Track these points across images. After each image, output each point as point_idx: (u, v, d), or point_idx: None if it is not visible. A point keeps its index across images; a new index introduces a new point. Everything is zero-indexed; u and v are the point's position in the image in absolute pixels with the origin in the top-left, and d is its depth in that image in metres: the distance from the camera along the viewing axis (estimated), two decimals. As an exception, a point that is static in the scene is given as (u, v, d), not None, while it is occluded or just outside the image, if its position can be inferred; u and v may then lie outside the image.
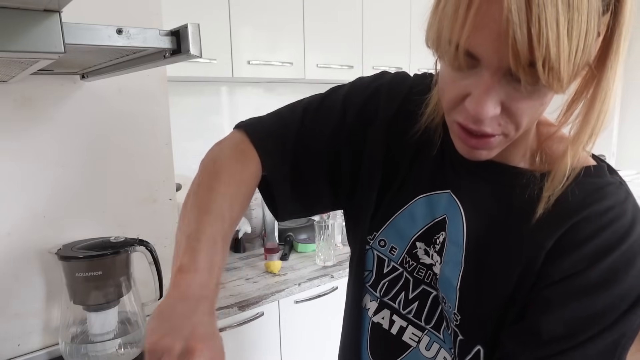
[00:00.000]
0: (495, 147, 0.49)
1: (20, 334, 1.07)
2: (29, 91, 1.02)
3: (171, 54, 0.64)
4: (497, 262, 0.53)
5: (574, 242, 0.49)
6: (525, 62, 0.39)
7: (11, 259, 1.04)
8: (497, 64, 0.42)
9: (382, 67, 2.11)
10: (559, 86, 0.41)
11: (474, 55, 0.42)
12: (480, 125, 0.46)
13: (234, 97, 1.98)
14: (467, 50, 0.42)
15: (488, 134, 0.47)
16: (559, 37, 0.38)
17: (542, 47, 0.38)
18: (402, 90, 0.65)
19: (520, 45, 0.38)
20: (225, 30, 1.58)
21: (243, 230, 1.72)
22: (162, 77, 1.20)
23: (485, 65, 0.43)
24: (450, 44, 0.43)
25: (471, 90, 0.45)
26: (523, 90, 0.43)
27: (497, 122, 0.46)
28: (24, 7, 0.47)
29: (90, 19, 0.62)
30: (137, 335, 1.07)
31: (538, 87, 0.42)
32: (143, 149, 1.19)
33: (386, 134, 0.64)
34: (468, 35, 0.41)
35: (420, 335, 0.61)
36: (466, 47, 0.42)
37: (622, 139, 3.00)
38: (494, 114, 0.45)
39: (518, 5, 0.37)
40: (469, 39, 0.41)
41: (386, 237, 0.64)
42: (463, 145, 0.50)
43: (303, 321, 1.58)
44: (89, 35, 0.56)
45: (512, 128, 0.47)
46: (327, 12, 1.87)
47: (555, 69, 0.39)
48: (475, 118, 0.45)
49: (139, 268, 1.10)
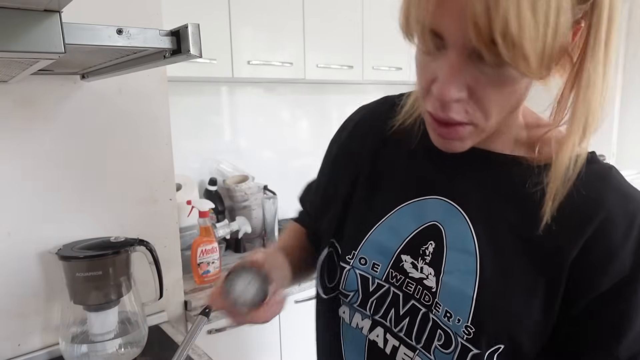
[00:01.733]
0: (467, 138, 0.48)
1: (21, 334, 1.07)
2: (29, 91, 1.02)
3: (171, 54, 0.64)
4: (516, 265, 0.51)
5: (607, 249, 0.48)
6: (487, 37, 0.38)
7: (11, 259, 1.04)
8: (461, 41, 0.41)
9: (382, 67, 2.11)
10: (526, 66, 0.39)
11: (439, 34, 0.42)
12: (447, 111, 0.45)
13: (234, 97, 1.98)
14: (432, 29, 0.42)
15: (456, 121, 0.46)
16: (520, 9, 0.37)
17: (501, 19, 0.37)
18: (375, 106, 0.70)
19: (479, 18, 0.38)
20: (225, 30, 1.58)
21: (243, 230, 1.72)
22: (162, 77, 1.21)
23: (450, 44, 0.42)
24: (417, 24, 0.43)
25: (438, 74, 0.44)
26: (490, 73, 0.42)
27: (464, 109, 0.45)
28: (24, 7, 0.47)
29: (90, 19, 0.62)
30: (137, 335, 1.07)
31: (505, 69, 0.41)
32: (143, 149, 1.19)
33: (355, 141, 0.67)
34: (432, 13, 0.41)
35: (412, 355, 0.57)
36: (430, 27, 0.42)
37: (622, 139, 3.00)
38: (458, 97, 0.44)
39: None
40: (433, 16, 0.41)
41: (366, 255, 0.60)
42: (436, 135, 0.50)
43: (303, 321, 1.58)
44: (89, 35, 0.56)
45: (480, 116, 0.46)
46: (327, 12, 1.87)
47: (518, 45, 0.38)
48: (441, 101, 0.44)
49: (139, 268, 1.10)
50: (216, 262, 1.51)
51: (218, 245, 1.51)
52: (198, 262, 1.47)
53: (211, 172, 1.94)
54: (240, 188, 1.84)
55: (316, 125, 2.30)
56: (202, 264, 1.47)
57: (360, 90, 2.47)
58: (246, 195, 1.85)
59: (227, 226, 1.66)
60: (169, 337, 1.17)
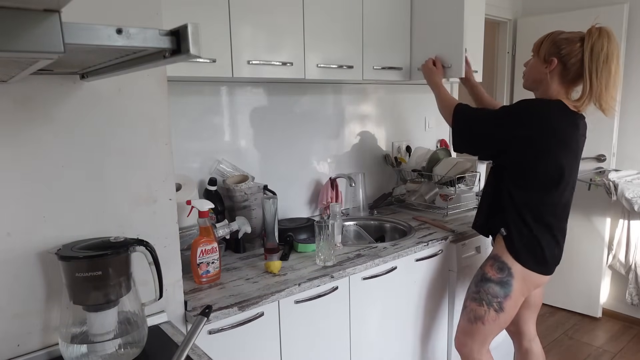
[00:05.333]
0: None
1: (20, 334, 1.07)
2: (29, 91, 1.02)
3: (171, 54, 0.64)
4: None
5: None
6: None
7: (11, 259, 1.04)
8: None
9: (382, 67, 2.11)
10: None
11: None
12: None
13: (234, 97, 1.98)
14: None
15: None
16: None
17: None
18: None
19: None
20: (225, 30, 1.58)
21: (243, 230, 1.72)
22: (162, 77, 1.21)
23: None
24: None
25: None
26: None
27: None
28: (24, 7, 0.47)
29: (90, 19, 0.62)
30: (137, 336, 1.07)
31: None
32: (143, 149, 1.19)
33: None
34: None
35: None
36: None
37: (622, 139, 3.00)
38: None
39: None
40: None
41: None
42: None
43: (303, 321, 1.58)
44: (89, 35, 0.56)
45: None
46: (327, 12, 1.87)
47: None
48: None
49: (138, 268, 1.10)
50: (216, 262, 1.51)
51: (218, 245, 1.51)
52: (198, 262, 1.47)
53: (211, 172, 1.94)
54: (240, 188, 1.84)
55: (316, 125, 2.30)
56: (202, 264, 1.47)
57: (360, 90, 2.47)
58: (246, 195, 1.85)
59: (227, 226, 1.66)
60: (169, 337, 1.17)
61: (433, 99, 1.97)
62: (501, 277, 1.66)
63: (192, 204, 1.51)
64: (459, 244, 2.05)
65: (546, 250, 1.65)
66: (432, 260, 2.00)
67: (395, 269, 1.83)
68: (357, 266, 1.67)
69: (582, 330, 3.06)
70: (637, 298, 2.96)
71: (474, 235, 2.11)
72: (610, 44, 1.51)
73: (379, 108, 2.59)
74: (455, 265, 2.06)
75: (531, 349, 1.94)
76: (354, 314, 1.73)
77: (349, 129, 2.46)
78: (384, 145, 2.66)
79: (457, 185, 2.34)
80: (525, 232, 1.63)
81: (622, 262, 2.98)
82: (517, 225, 1.64)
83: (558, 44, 1.58)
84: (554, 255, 1.69)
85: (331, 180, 2.27)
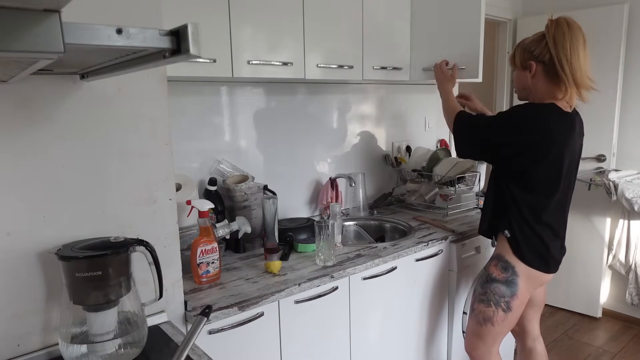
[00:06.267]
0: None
1: (20, 334, 1.07)
2: (29, 91, 1.02)
3: (171, 54, 0.64)
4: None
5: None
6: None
7: (11, 259, 1.04)
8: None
9: (382, 67, 2.11)
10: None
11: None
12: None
13: (234, 97, 1.98)
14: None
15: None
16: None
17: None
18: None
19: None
20: (225, 30, 1.58)
21: (243, 230, 1.71)
22: (162, 77, 1.21)
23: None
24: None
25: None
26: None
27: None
28: (24, 7, 0.47)
29: (90, 19, 0.62)
30: (137, 336, 1.07)
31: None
32: (143, 149, 1.19)
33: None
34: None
35: None
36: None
37: (622, 139, 3.00)
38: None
39: None
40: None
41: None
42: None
43: (303, 321, 1.58)
44: (89, 35, 0.56)
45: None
46: (327, 12, 1.87)
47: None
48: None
49: (139, 268, 1.10)
50: (216, 262, 1.51)
51: (218, 245, 1.51)
52: (198, 262, 1.47)
53: (211, 172, 1.94)
54: (240, 188, 1.84)
55: (316, 125, 2.30)
56: (202, 264, 1.47)
57: (360, 90, 2.47)
58: (246, 195, 1.85)
59: (227, 226, 1.66)
60: (169, 337, 1.17)
61: (433, 99, 1.97)
62: (506, 276, 1.67)
63: (192, 204, 1.51)
64: (459, 244, 2.05)
65: (551, 249, 1.67)
66: (432, 261, 2.00)
67: (395, 269, 1.83)
68: (357, 266, 1.68)
69: (582, 330, 3.06)
70: (637, 298, 2.96)
71: (474, 235, 2.11)
72: (571, 30, 1.56)
73: (379, 108, 2.59)
74: (455, 265, 2.06)
75: (535, 348, 1.95)
76: (354, 314, 1.73)
77: (349, 128, 2.46)
78: (384, 145, 2.66)
79: (457, 185, 2.34)
80: (529, 233, 1.65)
81: (622, 262, 2.98)
82: (520, 227, 1.65)
83: (528, 47, 1.64)
84: (559, 252, 1.72)
85: (331, 180, 2.27)
